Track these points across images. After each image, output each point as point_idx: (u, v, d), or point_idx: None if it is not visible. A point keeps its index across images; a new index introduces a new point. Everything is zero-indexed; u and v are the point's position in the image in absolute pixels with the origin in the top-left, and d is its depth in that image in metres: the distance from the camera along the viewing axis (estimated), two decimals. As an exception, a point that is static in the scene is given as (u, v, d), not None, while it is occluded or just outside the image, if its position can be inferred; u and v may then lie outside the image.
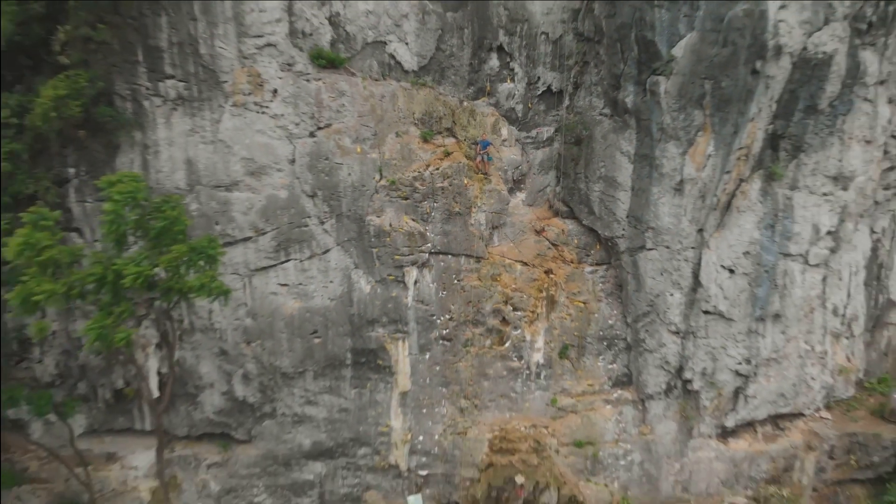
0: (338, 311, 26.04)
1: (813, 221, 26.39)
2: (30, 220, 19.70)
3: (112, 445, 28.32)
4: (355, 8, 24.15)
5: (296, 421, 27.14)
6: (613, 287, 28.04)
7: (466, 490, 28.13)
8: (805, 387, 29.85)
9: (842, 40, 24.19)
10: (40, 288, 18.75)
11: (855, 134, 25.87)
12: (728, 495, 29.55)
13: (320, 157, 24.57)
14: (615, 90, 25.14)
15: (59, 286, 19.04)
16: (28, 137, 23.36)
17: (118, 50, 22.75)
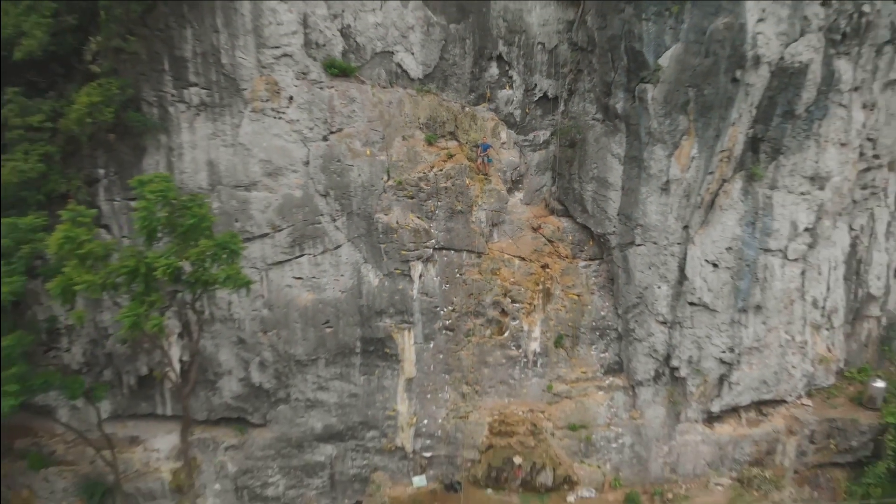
0: (348, 302, 27.89)
1: (791, 219, 28.27)
2: (68, 217, 21.56)
3: (135, 429, 30.18)
4: (365, 20, 25.98)
5: (308, 406, 28.99)
6: (605, 280, 29.92)
7: (468, 470, 30.02)
8: (786, 375, 31.75)
9: (817, 50, 26.06)
10: (80, 278, 20.60)
11: (830, 137, 27.75)
12: (714, 476, 31.46)
13: (332, 159, 26.41)
14: (606, 97, 27.00)
15: (97, 277, 20.87)
16: (61, 140, 25.19)
17: (146, 59, 24.56)
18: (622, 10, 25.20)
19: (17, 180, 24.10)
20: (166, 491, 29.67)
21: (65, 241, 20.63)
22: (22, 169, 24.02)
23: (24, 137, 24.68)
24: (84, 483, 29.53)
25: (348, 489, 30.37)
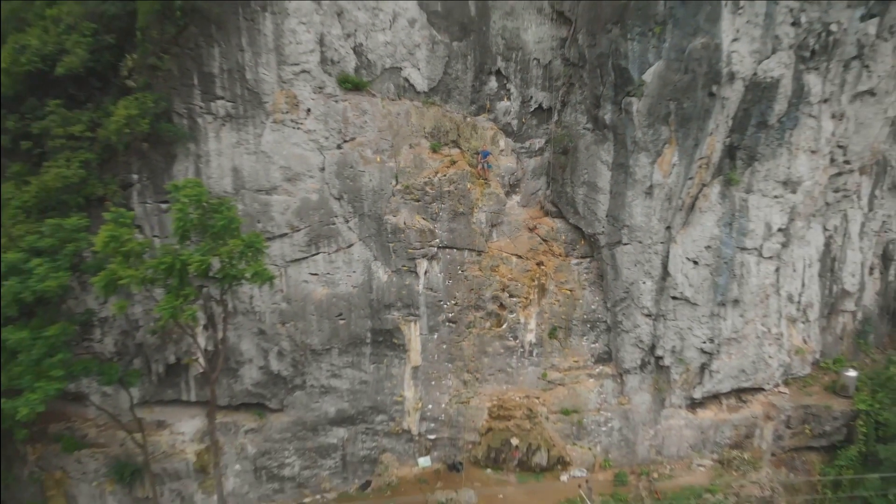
0: (359, 296, 30.37)
1: (765, 220, 30.81)
2: (111, 218, 24.01)
3: (161, 414, 32.59)
4: (376, 39, 28.48)
5: (322, 392, 31.46)
6: (595, 277, 32.44)
7: (469, 452, 32.51)
8: (764, 364, 34.30)
9: (788, 66, 28.61)
10: (124, 273, 23.04)
11: (801, 145, 30.31)
12: (696, 458, 33.98)
13: (346, 165, 28.90)
14: (596, 108, 29.51)
15: (138, 272, 23.32)
16: (98, 148, 27.63)
17: (177, 75, 27.02)
18: (610, 30, 27.72)
19: (60, 185, 26.61)
20: (191, 471, 32.09)
21: (110, 239, 23.06)
22: (65, 174, 26.51)
23: (66, 146, 27.16)
24: (114, 464, 31.86)
25: (359, 469, 32.84)
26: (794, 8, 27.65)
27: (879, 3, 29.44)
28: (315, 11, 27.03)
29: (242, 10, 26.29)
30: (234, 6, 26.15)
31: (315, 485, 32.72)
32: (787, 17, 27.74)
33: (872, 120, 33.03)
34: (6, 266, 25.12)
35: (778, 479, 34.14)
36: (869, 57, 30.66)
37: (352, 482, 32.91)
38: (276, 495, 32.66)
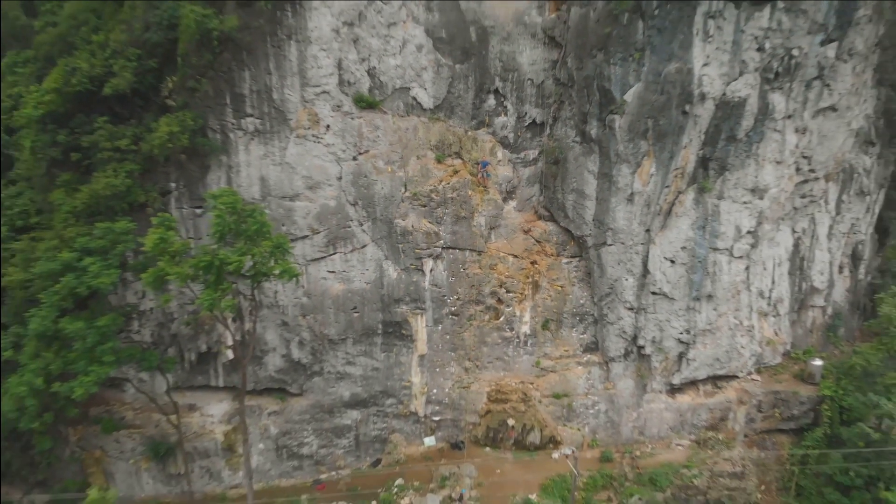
0: (372, 292, 33.86)
1: (735, 224, 34.34)
2: (159, 222, 27.47)
3: (192, 398, 36.06)
4: (387, 63, 31.95)
5: (338, 377, 34.95)
6: (583, 274, 35.95)
7: (470, 432, 36.01)
8: (737, 353, 37.85)
9: (753, 87, 32.13)
10: (171, 270, 26.51)
11: (767, 157, 33.83)
12: (675, 438, 37.50)
13: (360, 175, 32.38)
14: (583, 124, 33.01)
15: (183, 269, 26.78)
16: (140, 159, 31.09)
17: (212, 95, 30.47)
18: (595, 55, 31.22)
19: (109, 192, 30.11)
20: (219, 450, 35.58)
21: (159, 241, 26.54)
22: (113, 183, 30.01)
23: (112, 157, 30.66)
24: (150, 443, 35.32)
25: (370, 448, 36.34)
26: (758, 35, 31.16)
27: (838, 29, 32.97)
28: (334, 39, 30.50)
29: (270, 39, 29.75)
30: (263, 35, 29.60)
31: (331, 462, 36.21)
32: (752, 44, 31.26)
33: (835, 133, 36.60)
34: (61, 264, 28.61)
35: (749, 458, 37.60)
36: (829, 77, 34.21)
37: (364, 460, 36.40)
38: (295, 472, 36.16)
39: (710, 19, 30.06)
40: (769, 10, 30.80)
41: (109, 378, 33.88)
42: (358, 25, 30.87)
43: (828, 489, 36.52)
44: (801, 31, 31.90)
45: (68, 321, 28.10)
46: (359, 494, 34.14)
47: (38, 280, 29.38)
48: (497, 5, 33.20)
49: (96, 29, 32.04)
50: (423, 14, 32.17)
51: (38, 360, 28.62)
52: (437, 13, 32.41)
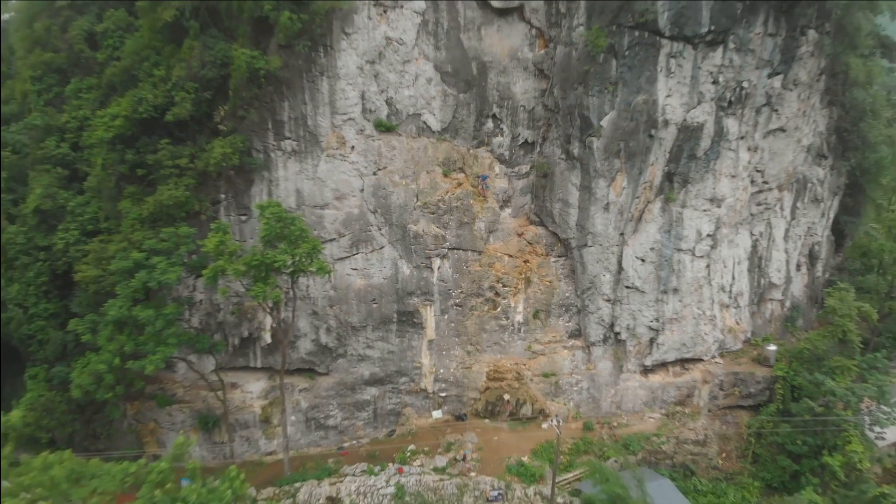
0: (388, 286, 39.87)
1: (696, 228, 40.43)
2: (217, 228, 33.45)
3: (234, 378, 42.01)
4: (402, 93, 37.95)
5: (359, 359, 40.95)
6: (568, 271, 42.01)
7: (471, 406, 42.05)
8: (701, 340, 43.95)
9: (710, 114, 38.22)
10: (229, 267, 32.47)
11: (723, 172, 39.93)
12: (647, 412, 43.57)
13: (379, 188, 38.41)
14: (567, 144, 39.05)
15: (238, 266, 32.76)
16: (195, 174, 37.00)
17: (257, 121, 36.42)
18: (576, 87, 37.29)
19: (170, 202, 36.09)
20: (257, 421, 41.60)
21: (219, 243, 32.54)
22: (174, 195, 35.99)
23: (172, 173, 36.61)
24: (198, 416, 41.27)
25: (386, 420, 42.37)
26: (713, 71, 37.26)
27: (783, 64, 39.13)
28: (359, 75, 36.53)
29: (306, 75, 35.77)
30: (300, 72, 35.62)
31: (352, 432, 42.26)
32: (708, 78, 37.36)
33: (785, 150, 42.76)
34: (133, 262, 34.57)
35: (711, 429, 43.85)
36: (777, 103, 40.38)
37: (381, 430, 42.42)
38: (321, 441, 42.20)
39: (671, 59, 36.15)
40: (722, 49, 36.91)
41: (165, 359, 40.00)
42: (378, 63, 36.90)
43: (780, 456, 42.66)
44: (750, 67, 38.03)
45: (140, 309, 34.06)
46: (377, 458, 40.10)
47: (113, 275, 35.37)
48: (494, 44, 39.26)
49: (157, 64, 37.97)
50: (433, 52, 38.23)
51: (114, 342, 34.60)
52: (444, 51, 38.46)
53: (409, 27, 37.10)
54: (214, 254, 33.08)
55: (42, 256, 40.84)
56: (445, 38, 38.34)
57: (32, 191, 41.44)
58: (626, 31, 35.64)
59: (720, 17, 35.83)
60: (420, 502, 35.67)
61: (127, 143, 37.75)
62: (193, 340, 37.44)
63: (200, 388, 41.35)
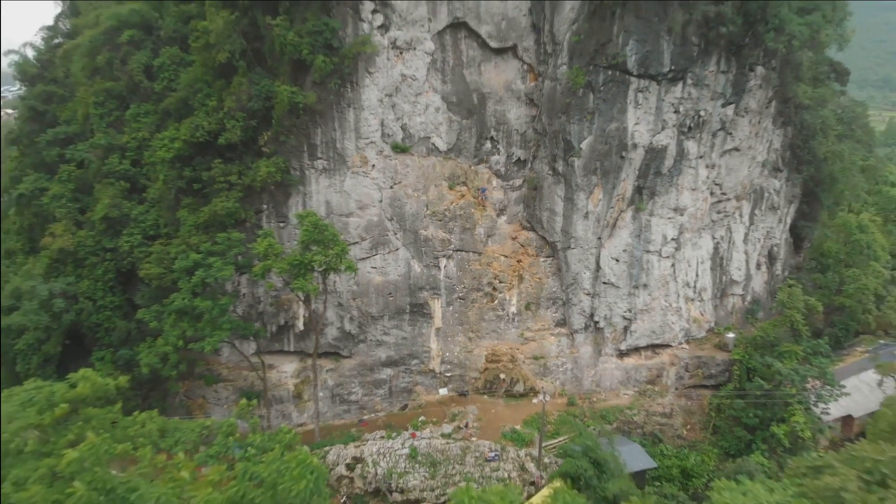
0: (402, 282, 47.18)
1: (662, 233, 47.80)
2: (264, 234, 40.80)
3: (271, 360, 49.21)
4: (415, 120, 45.27)
5: (377, 344, 48.27)
6: (555, 269, 49.37)
7: (472, 384, 49.41)
8: (668, 328, 51.33)
9: (672, 138, 45.59)
10: (277, 265, 39.79)
11: (685, 185, 47.31)
12: (622, 389, 50.92)
13: (395, 199, 45.74)
14: (553, 162, 46.39)
15: (283, 265, 40.04)
16: (242, 188, 44.30)
17: (294, 144, 43.71)
18: (560, 116, 44.66)
19: (223, 212, 43.41)
20: (290, 397, 48.89)
21: (268, 245, 39.85)
22: (227, 206, 43.32)
23: (223, 187, 43.93)
24: (240, 392, 48.44)
25: (400, 396, 49.71)
26: (674, 102, 44.64)
27: (734, 95, 46.52)
28: (379, 105, 43.88)
29: (336, 107, 43.12)
30: (331, 104, 42.96)
31: (371, 406, 49.58)
32: (670, 108, 44.73)
33: (740, 166, 50.18)
34: (192, 261, 41.81)
35: (678, 404, 51.25)
36: (731, 128, 47.79)
37: (395, 405, 49.75)
38: (344, 414, 49.50)
39: (639, 93, 43.53)
40: (681, 85, 44.28)
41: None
42: (395, 96, 44.27)
43: (736, 428, 49.94)
44: (706, 98, 45.43)
45: (200, 301, 41.36)
46: (392, 428, 47.43)
47: (174, 273, 42.67)
48: (492, 77, 46.64)
49: (209, 95, 45.23)
50: (440, 85, 45.60)
51: (177, 328, 41.91)
52: (449, 84, 45.83)
53: (421, 65, 44.48)
54: (263, 255, 40.40)
55: (108, 257, 48.12)
56: (451, 73, 45.74)
57: (99, 201, 48.67)
58: (601, 70, 43.02)
59: (679, 58, 43.19)
60: (430, 461, 43.02)
61: (184, 162, 45.06)
62: (241, 327, 44.68)
63: (242, 369, 48.68)
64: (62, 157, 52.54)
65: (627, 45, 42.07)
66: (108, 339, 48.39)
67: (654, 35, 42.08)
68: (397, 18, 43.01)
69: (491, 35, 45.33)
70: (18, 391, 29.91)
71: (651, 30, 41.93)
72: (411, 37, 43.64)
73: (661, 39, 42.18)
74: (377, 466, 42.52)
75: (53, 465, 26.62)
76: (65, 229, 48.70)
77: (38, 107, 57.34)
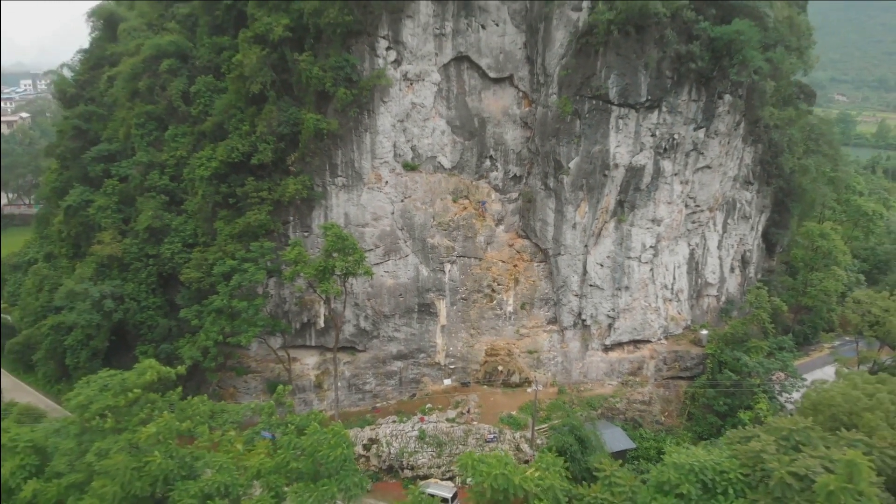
0: (411, 284, 53.30)
1: (641, 241, 54.00)
2: (294, 243, 46.96)
3: (294, 353, 55.34)
4: (423, 142, 51.43)
5: (389, 339, 54.41)
6: (547, 273, 55.55)
7: (474, 375, 55.57)
8: (648, 326, 57.53)
9: (649, 158, 51.78)
10: (305, 270, 45.91)
11: (662, 199, 53.51)
12: (607, 380, 57.07)
13: (406, 211, 51.89)
14: (545, 179, 52.56)
15: (311, 270, 46.13)
16: (271, 202, 50.39)
17: (318, 164, 49.88)
18: (551, 139, 50.82)
19: (255, 224, 49.56)
20: (312, 387, 54.97)
21: (298, 253, 46.00)
22: (259, 219, 49.46)
23: (256, 202, 50.06)
24: (267, 383, 54.60)
25: (409, 386, 55.84)
26: (651, 127, 50.82)
27: (705, 120, 52.71)
28: (392, 130, 50.05)
29: (354, 131, 49.28)
30: (350, 130, 49.10)
31: (383, 395, 55.72)
32: (647, 132, 50.92)
33: (712, 182, 56.40)
34: (230, 267, 47.93)
35: (656, 393, 57.43)
36: (703, 148, 54.00)
37: (405, 393, 55.86)
38: (359, 402, 55.59)
39: (619, 119, 49.71)
40: (657, 112, 50.47)
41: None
42: (406, 121, 50.45)
43: (709, 415, 56.00)
44: (680, 123, 51.62)
45: (237, 301, 47.53)
46: (402, 413, 53.57)
47: (213, 277, 48.82)
48: (491, 104, 52.82)
49: (242, 120, 51.31)
50: (445, 111, 51.79)
51: (216, 325, 48.10)
52: (453, 110, 52.01)
53: (429, 94, 50.67)
54: (293, 261, 46.56)
55: (151, 262, 54.32)
56: (455, 100, 51.93)
57: (142, 212, 54.86)
58: (587, 100, 49.20)
59: (655, 89, 49.37)
60: (437, 442, 49.19)
61: (221, 179, 51.20)
62: (271, 324, 50.92)
63: (269, 361, 54.83)
64: (106, 172, 58.66)
65: (609, 78, 48.25)
66: (150, 335, 54.59)
67: (632, 70, 48.26)
68: (408, 54, 49.20)
69: (490, 66, 51.55)
70: (94, 379, 36.17)
71: (630, 65, 48.11)
72: (420, 70, 49.83)
73: (639, 73, 48.35)
74: (390, 447, 48.71)
75: (131, 439, 32.90)
76: (112, 237, 54.86)
77: (81, 125, 63.38)
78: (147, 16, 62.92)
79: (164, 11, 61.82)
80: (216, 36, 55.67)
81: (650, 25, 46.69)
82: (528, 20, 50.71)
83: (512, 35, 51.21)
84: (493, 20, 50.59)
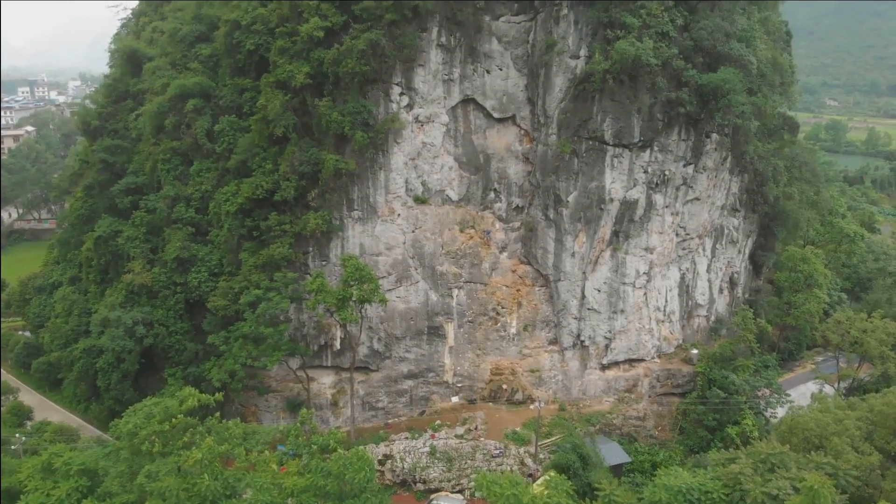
0: (421, 309, 57.22)
1: (636, 268, 58.13)
2: (316, 274, 50.87)
3: (312, 374, 59.15)
4: (432, 177, 55.51)
5: (400, 360, 58.29)
6: (548, 297, 59.59)
7: (480, 393, 59.46)
8: (643, 346, 61.57)
9: (642, 192, 55.97)
10: (326, 299, 49.79)
11: (654, 230, 57.68)
12: (604, 397, 61.02)
13: (417, 241, 55.90)
14: (546, 211, 56.66)
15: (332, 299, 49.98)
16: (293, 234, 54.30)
17: (336, 199, 53.86)
18: (551, 175, 54.97)
19: (278, 256, 53.46)
20: (328, 405, 58.77)
21: (319, 284, 49.93)
22: (281, 251, 53.35)
23: (278, 235, 53.96)
24: (287, 401, 58.41)
25: (419, 403, 59.68)
26: (644, 165, 55.03)
27: (693, 158, 56.96)
28: (404, 167, 54.14)
29: (370, 169, 53.34)
30: (366, 168, 53.16)
31: (395, 412, 59.55)
32: (640, 169, 55.13)
33: (700, 212, 60.60)
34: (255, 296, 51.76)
35: (650, 409, 61.43)
36: (692, 183, 58.22)
37: (415, 410, 59.69)
38: (373, 418, 59.41)
39: (614, 158, 53.92)
40: (649, 151, 54.70)
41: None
42: (417, 159, 54.57)
43: (700, 429, 59.98)
44: (670, 161, 55.84)
45: (264, 328, 51.39)
46: (413, 430, 57.38)
47: (239, 304, 52.68)
48: (495, 141, 57.01)
49: (265, 159, 55.27)
50: (453, 149, 55.93)
51: (244, 350, 51.91)
52: (460, 147, 56.16)
53: (438, 134, 54.82)
54: (315, 291, 50.45)
55: (179, 290, 58.07)
56: (462, 139, 56.09)
57: (170, 242, 58.64)
58: (584, 140, 53.42)
59: (647, 131, 53.61)
60: (447, 457, 53.07)
61: (245, 213, 55.06)
62: (293, 348, 54.75)
63: (289, 381, 58.63)
64: (134, 204, 62.49)
65: (605, 121, 52.47)
66: (178, 358, 58.32)
67: (626, 113, 52.49)
68: (419, 99, 53.36)
69: (494, 107, 55.77)
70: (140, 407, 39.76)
71: (624, 109, 52.35)
72: (430, 112, 54.00)
73: (632, 117, 52.59)
74: (404, 462, 52.58)
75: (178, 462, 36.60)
76: (141, 267, 58.63)
77: (107, 158, 67.25)
78: (171, 55, 66.84)
79: (186, 51, 65.75)
80: (238, 77, 59.60)
81: (642, 74, 50.96)
82: (529, 65, 55.00)
83: (514, 78, 55.48)
84: (497, 65, 54.86)
